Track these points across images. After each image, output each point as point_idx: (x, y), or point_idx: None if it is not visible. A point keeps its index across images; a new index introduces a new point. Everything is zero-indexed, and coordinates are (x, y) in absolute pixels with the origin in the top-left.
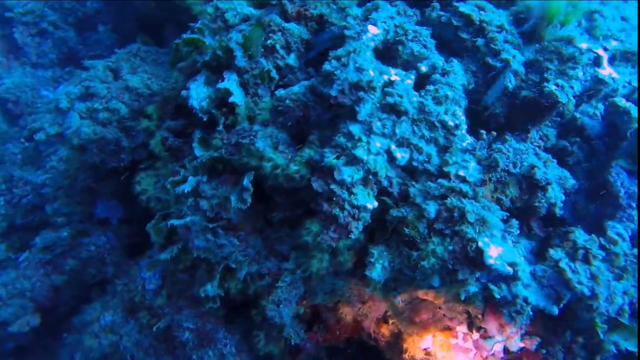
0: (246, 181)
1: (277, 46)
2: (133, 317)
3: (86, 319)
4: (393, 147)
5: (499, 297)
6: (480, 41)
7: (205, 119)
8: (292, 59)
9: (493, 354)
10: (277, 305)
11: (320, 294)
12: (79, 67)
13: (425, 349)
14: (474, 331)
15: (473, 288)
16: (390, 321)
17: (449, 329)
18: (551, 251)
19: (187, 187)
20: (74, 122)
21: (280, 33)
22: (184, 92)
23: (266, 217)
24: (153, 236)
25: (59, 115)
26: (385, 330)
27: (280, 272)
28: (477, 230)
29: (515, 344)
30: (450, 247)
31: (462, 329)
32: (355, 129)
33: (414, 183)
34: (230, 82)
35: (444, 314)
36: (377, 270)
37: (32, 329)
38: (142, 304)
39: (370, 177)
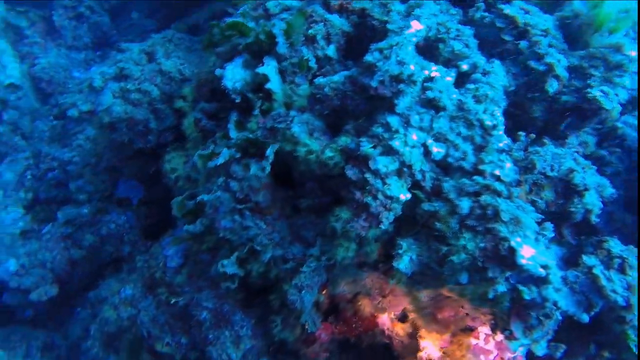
0: (269, 151)
1: (318, 36)
2: (152, 293)
3: (102, 293)
4: (429, 141)
5: (528, 298)
6: (523, 44)
7: (238, 100)
8: (331, 51)
9: (515, 358)
10: (299, 291)
11: (342, 283)
12: (111, 51)
13: (443, 348)
14: (497, 332)
15: (502, 288)
16: (410, 317)
17: (470, 329)
18: (584, 257)
19: (220, 160)
20: (107, 101)
21: (322, 24)
22: (218, 71)
23: (293, 205)
24: (176, 211)
25: (92, 94)
26: (400, 329)
27: (305, 258)
28: (510, 230)
29: (541, 349)
30: (482, 244)
31: (484, 329)
32: (393, 120)
33: (447, 179)
34: (269, 67)
35: (466, 313)
36: (404, 262)
37: (49, 299)
38: (162, 280)
39: (405, 169)
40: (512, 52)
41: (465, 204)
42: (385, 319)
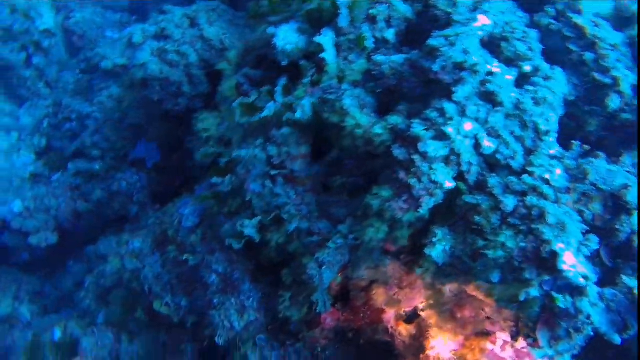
0: (306, 101)
1: (380, 17)
2: (160, 250)
3: (101, 249)
4: (482, 134)
5: (563, 307)
6: (589, 55)
7: (284, 63)
8: (390, 34)
9: None
10: (319, 266)
11: (362, 267)
12: (146, 16)
13: (454, 350)
14: (519, 340)
15: (535, 292)
16: (421, 315)
17: (487, 333)
18: (624, 277)
19: (265, 113)
20: (144, 57)
21: (386, 6)
22: (271, 29)
23: (325, 183)
24: (199, 157)
25: (129, 49)
26: (403, 329)
27: (330, 235)
28: (555, 234)
29: None
30: (523, 244)
31: (502, 336)
32: (449, 107)
33: (494, 175)
34: (327, 38)
35: (487, 317)
36: (437, 251)
37: (48, 247)
38: (173, 239)
39: (453, 157)
40: (575, 63)
41: (510, 202)
42: (390, 316)
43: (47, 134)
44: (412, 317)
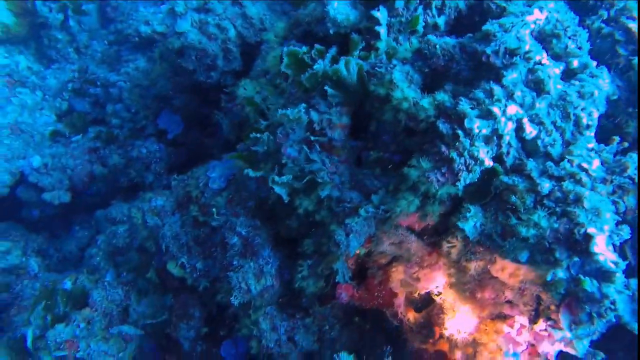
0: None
1: (433, 3)
2: (181, 211)
3: (112, 212)
4: (525, 119)
5: (589, 290)
6: (636, 60)
7: (332, 31)
8: (441, 21)
9: (546, 357)
10: (347, 234)
11: (386, 242)
12: None
13: (469, 332)
14: (539, 321)
15: (563, 273)
16: (442, 293)
17: (505, 317)
18: None
19: (317, 67)
20: (184, 26)
21: None
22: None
23: (359, 157)
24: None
25: (169, 17)
26: (411, 316)
27: (361, 205)
28: (590, 218)
29: (583, 348)
30: (556, 225)
31: (521, 319)
32: (497, 89)
33: (532, 159)
34: (382, 13)
35: (508, 300)
36: (469, 225)
37: (60, 204)
38: (197, 199)
39: (495, 137)
40: (622, 67)
41: (547, 184)
42: (401, 301)
43: (70, 97)
44: (425, 302)
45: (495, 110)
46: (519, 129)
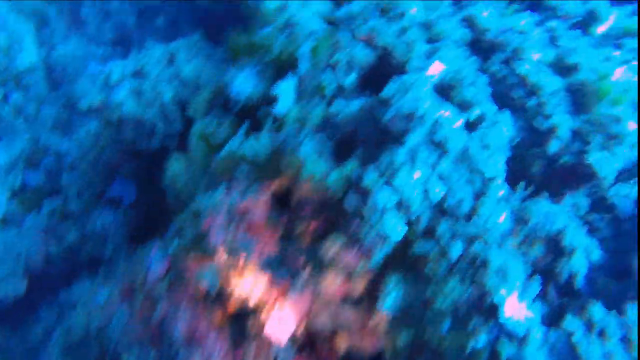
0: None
1: (340, 64)
2: (128, 300)
3: (74, 295)
4: (432, 181)
5: (505, 357)
6: (532, 102)
7: (236, 110)
8: (351, 79)
9: None
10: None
11: (323, 317)
12: (129, 49)
13: None
14: None
15: (482, 341)
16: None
17: None
18: (566, 321)
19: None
20: (120, 95)
21: (346, 52)
22: (227, 78)
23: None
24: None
25: (106, 88)
26: None
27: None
28: (496, 282)
29: None
30: (467, 295)
31: None
32: (399, 156)
33: (442, 221)
34: (288, 84)
35: None
36: (389, 302)
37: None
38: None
39: (403, 205)
40: (520, 108)
41: (456, 250)
42: None
43: (24, 172)
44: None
45: (399, 179)
46: (427, 191)
